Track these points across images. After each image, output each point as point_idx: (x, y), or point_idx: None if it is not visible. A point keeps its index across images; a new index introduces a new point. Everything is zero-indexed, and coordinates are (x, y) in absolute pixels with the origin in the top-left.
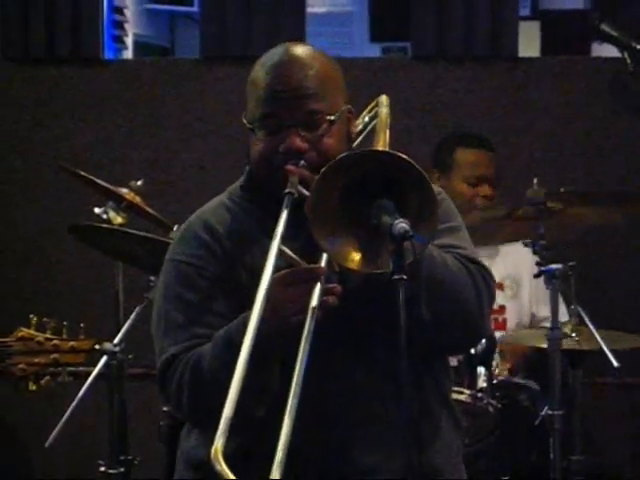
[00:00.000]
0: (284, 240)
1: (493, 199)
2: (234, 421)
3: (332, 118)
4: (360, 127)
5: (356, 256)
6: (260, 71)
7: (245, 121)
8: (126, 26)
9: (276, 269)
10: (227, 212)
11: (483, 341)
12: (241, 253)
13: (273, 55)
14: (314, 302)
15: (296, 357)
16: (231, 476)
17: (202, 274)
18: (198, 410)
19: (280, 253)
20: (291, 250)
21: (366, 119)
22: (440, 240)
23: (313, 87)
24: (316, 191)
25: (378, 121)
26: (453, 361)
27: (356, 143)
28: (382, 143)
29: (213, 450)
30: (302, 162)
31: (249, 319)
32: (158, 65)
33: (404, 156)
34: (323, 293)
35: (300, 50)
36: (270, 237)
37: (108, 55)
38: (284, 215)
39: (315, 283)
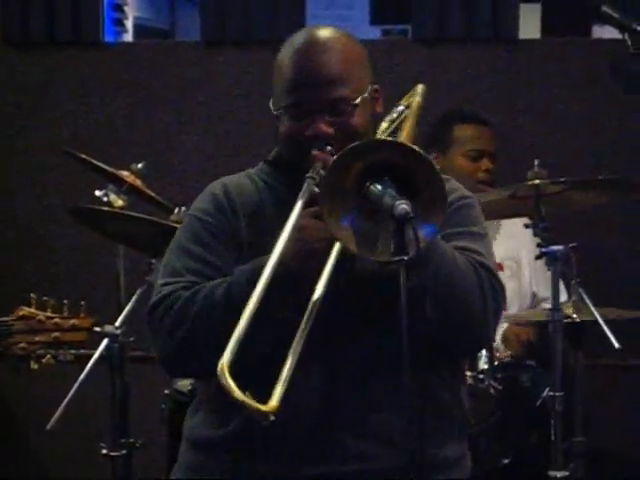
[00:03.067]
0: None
1: (494, 174)
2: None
3: (356, 102)
4: (395, 115)
5: (361, 241)
6: (285, 57)
7: (271, 107)
8: (126, 9)
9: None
10: (249, 181)
11: None
12: (250, 220)
13: (296, 40)
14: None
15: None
16: (236, 390)
17: (208, 229)
18: (195, 340)
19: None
20: None
21: (401, 107)
22: (459, 242)
23: (337, 73)
24: (328, 177)
25: (409, 110)
26: None
27: (389, 131)
28: (405, 133)
29: (220, 365)
30: (328, 147)
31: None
32: (158, 48)
33: (413, 147)
34: None
35: (323, 34)
36: (284, 218)
37: (108, 38)
38: (301, 201)
39: None
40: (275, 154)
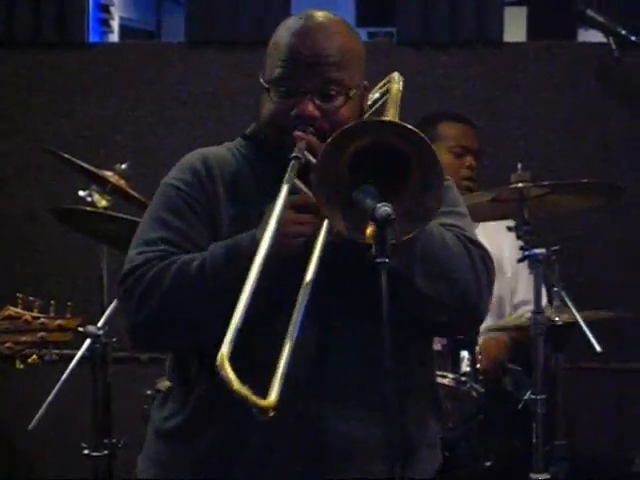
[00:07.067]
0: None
1: (476, 171)
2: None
3: (350, 93)
4: (369, 103)
5: (350, 224)
6: (284, 33)
7: (262, 80)
8: (112, 9)
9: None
10: (230, 155)
11: None
12: (228, 189)
13: (299, 19)
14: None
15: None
16: (236, 382)
17: (185, 199)
18: (164, 312)
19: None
20: None
21: (376, 95)
22: (444, 219)
23: (335, 56)
24: (323, 157)
25: (388, 96)
26: (437, 345)
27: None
28: (391, 117)
29: (219, 356)
30: (310, 129)
31: (258, 237)
32: (144, 49)
33: (410, 126)
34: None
35: (327, 18)
36: (264, 196)
37: (94, 39)
38: (287, 185)
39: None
40: (252, 130)
